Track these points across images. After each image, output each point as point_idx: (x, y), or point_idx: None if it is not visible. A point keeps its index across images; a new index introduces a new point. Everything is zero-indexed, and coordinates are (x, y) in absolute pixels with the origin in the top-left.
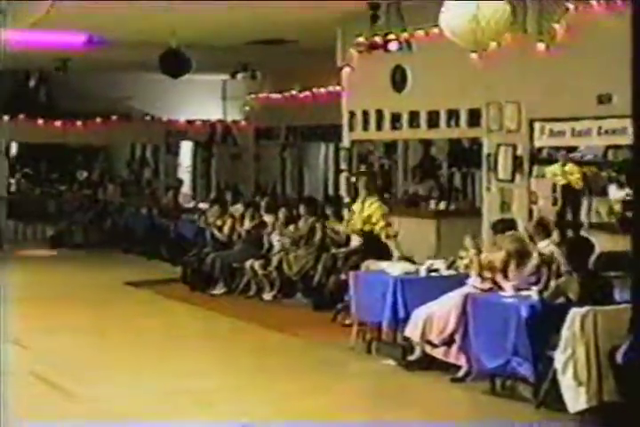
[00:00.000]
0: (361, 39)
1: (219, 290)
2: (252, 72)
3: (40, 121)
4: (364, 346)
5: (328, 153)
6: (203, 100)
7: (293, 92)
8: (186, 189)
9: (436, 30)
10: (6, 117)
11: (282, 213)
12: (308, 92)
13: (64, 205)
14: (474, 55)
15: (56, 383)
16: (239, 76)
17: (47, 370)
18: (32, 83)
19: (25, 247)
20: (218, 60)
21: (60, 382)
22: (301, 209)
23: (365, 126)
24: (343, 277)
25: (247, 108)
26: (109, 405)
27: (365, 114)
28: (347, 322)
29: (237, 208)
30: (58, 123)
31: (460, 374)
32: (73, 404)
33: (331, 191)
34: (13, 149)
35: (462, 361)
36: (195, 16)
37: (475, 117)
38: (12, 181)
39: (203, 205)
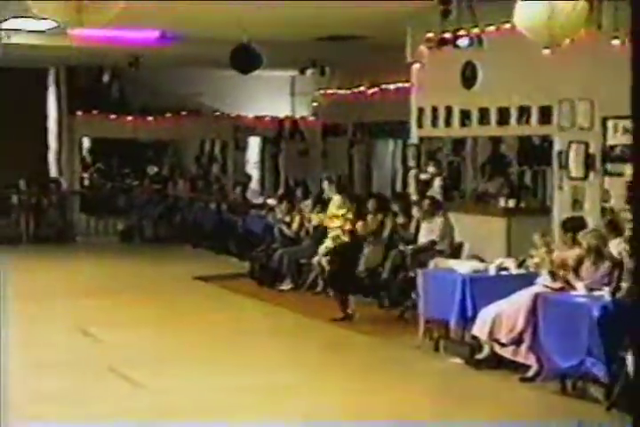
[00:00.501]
0: (431, 35)
1: (286, 286)
2: (321, 68)
3: (112, 116)
4: (432, 344)
5: (396, 150)
6: (271, 96)
7: (362, 89)
8: (254, 184)
9: (507, 26)
10: (80, 113)
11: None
12: (376, 89)
13: (134, 200)
14: (546, 51)
15: (126, 375)
16: (308, 72)
17: (117, 362)
18: (105, 79)
19: (96, 241)
20: (287, 56)
21: (130, 374)
22: (369, 205)
23: (434, 123)
24: (411, 274)
25: (315, 104)
26: (178, 398)
27: (434, 110)
28: (414, 320)
29: (307, 204)
30: (129, 118)
31: (530, 373)
32: (142, 396)
33: (398, 188)
34: (86, 144)
35: (532, 360)
36: (266, 11)
37: (546, 115)
38: (85, 175)
39: (271, 201)
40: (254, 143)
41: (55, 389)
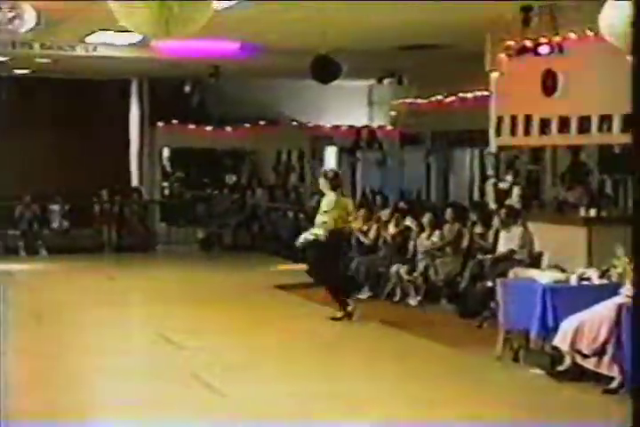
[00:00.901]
0: (511, 43)
1: (364, 294)
2: (399, 78)
3: (192, 127)
4: (511, 355)
5: (474, 158)
6: (349, 106)
7: (440, 97)
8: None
9: (589, 32)
10: (161, 124)
11: (426, 218)
12: (454, 97)
13: (214, 209)
14: (630, 58)
15: (209, 382)
16: (386, 81)
17: (200, 369)
18: (186, 89)
19: (176, 249)
20: (365, 66)
21: (212, 381)
22: (447, 214)
23: (513, 131)
24: (490, 284)
25: (393, 113)
26: (259, 405)
27: (513, 119)
28: (493, 330)
29: (385, 213)
30: (209, 128)
31: (614, 385)
32: (224, 403)
33: (476, 197)
34: (166, 153)
35: (615, 372)
36: (346, 21)
37: (628, 123)
38: (165, 185)
39: None
40: (331, 153)
41: (138, 394)
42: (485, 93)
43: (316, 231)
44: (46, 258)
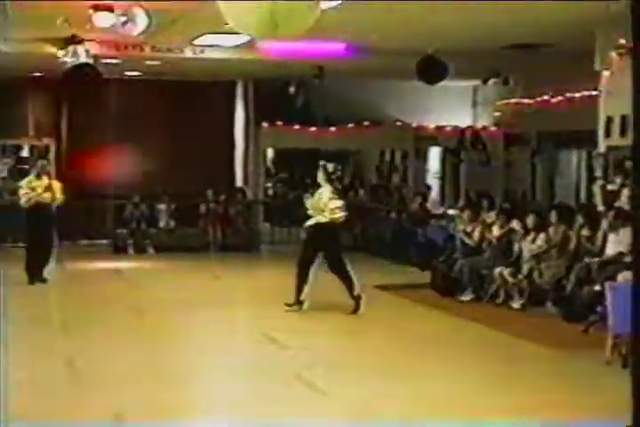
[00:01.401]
0: (623, 41)
1: (467, 296)
2: (505, 78)
3: (296, 127)
4: (620, 360)
5: (581, 159)
6: (453, 106)
7: (546, 97)
8: (434, 194)
9: None
10: (265, 124)
11: (531, 219)
12: (561, 97)
13: None
14: None
15: (312, 382)
16: (491, 81)
17: (303, 369)
18: (291, 90)
19: (279, 249)
20: (471, 66)
21: (315, 381)
22: (552, 216)
23: (623, 132)
24: (597, 287)
25: (498, 113)
26: (360, 406)
27: (623, 119)
28: (600, 334)
29: (491, 215)
30: (313, 129)
31: None
32: (325, 403)
33: (583, 199)
34: (269, 154)
35: None
36: (452, 21)
37: None
38: (269, 185)
39: (452, 211)
40: (435, 153)
41: (241, 393)
42: (593, 93)
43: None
44: (153, 256)
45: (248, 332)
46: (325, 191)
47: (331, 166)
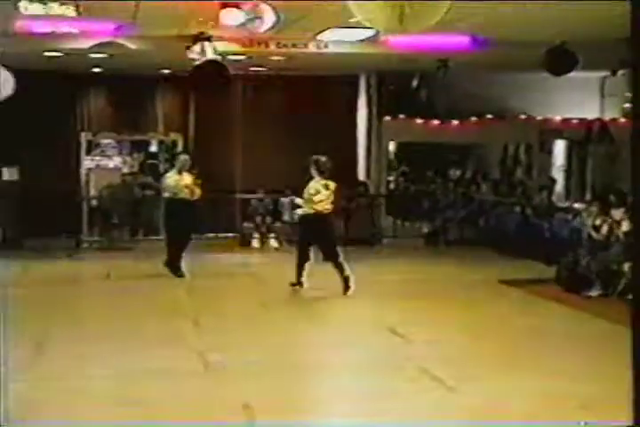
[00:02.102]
0: None
1: (594, 292)
2: None
3: (419, 121)
4: None
5: None
6: (579, 98)
7: None
8: (558, 188)
9: None
10: (387, 118)
11: None
12: None
13: (438, 203)
14: None
15: (437, 376)
16: (620, 72)
17: (428, 363)
18: (414, 84)
19: (401, 243)
20: (599, 57)
21: (440, 375)
22: None
23: None
24: None
25: (627, 105)
26: (489, 402)
27: None
28: None
29: (619, 212)
30: (435, 122)
31: None
32: (453, 399)
33: None
34: (391, 147)
35: None
36: (581, 11)
37: None
38: (391, 179)
39: (578, 205)
40: (560, 146)
41: (365, 388)
42: None
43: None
44: (277, 250)
45: (372, 325)
46: (313, 184)
47: (323, 159)
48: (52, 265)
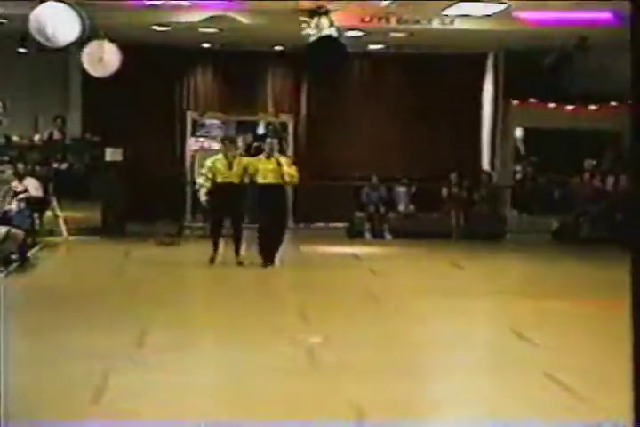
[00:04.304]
0: None
1: None
2: None
3: (551, 105)
4: None
5: None
6: None
7: None
8: None
9: None
10: (515, 101)
11: None
12: None
13: (571, 196)
14: None
15: (563, 383)
16: None
17: (553, 368)
18: (547, 63)
19: (526, 239)
20: None
21: (568, 382)
22: None
23: None
24: None
25: None
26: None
27: None
28: None
29: None
30: (569, 107)
31: None
32: (586, 409)
33: None
34: (518, 134)
35: None
36: None
37: None
38: (517, 168)
39: None
40: None
41: (485, 392)
42: None
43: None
44: (391, 242)
45: (493, 326)
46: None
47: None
48: (154, 251)
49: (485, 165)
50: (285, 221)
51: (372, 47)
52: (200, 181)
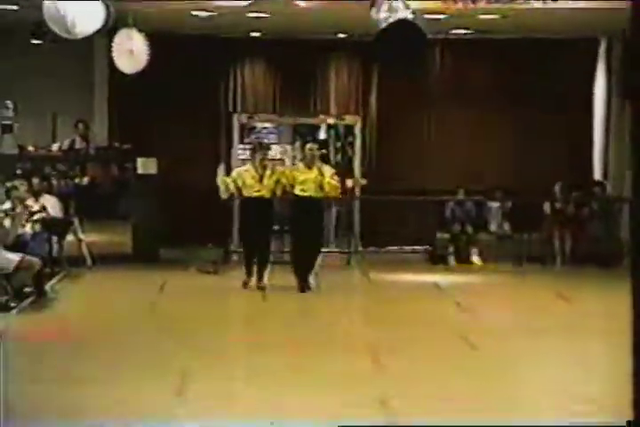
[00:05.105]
0: None
1: None
2: None
3: None
4: None
5: None
6: None
7: None
8: None
9: None
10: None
11: None
12: None
13: None
14: None
15: None
16: None
17: None
18: None
19: None
20: None
21: None
22: None
23: None
24: None
25: None
26: None
27: None
28: None
29: None
30: None
31: None
32: None
33: None
34: None
35: None
36: None
37: None
38: None
39: None
40: None
41: None
42: None
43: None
44: (481, 269)
45: (606, 374)
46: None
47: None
48: (193, 281)
49: (597, 174)
50: (322, 240)
51: (455, 32)
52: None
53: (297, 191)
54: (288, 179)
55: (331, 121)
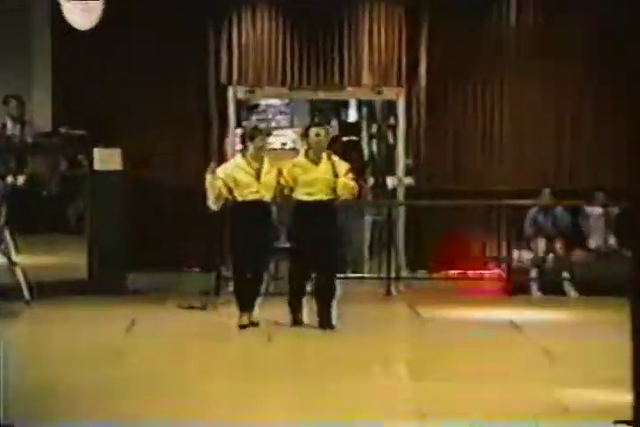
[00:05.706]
0: None
1: None
2: None
3: None
4: None
5: None
6: None
7: None
8: None
9: None
10: None
11: None
12: None
13: None
14: None
15: None
16: None
17: None
18: None
19: None
20: None
21: None
22: None
23: None
24: None
25: None
26: None
27: None
28: None
29: None
30: None
31: None
32: None
33: None
34: None
35: None
36: None
37: None
38: None
39: None
40: None
41: None
42: None
43: None
44: (576, 301)
45: None
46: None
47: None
48: (175, 320)
49: None
50: (339, 257)
51: None
52: (209, 201)
53: (300, 196)
54: (286, 179)
55: (363, 95)
